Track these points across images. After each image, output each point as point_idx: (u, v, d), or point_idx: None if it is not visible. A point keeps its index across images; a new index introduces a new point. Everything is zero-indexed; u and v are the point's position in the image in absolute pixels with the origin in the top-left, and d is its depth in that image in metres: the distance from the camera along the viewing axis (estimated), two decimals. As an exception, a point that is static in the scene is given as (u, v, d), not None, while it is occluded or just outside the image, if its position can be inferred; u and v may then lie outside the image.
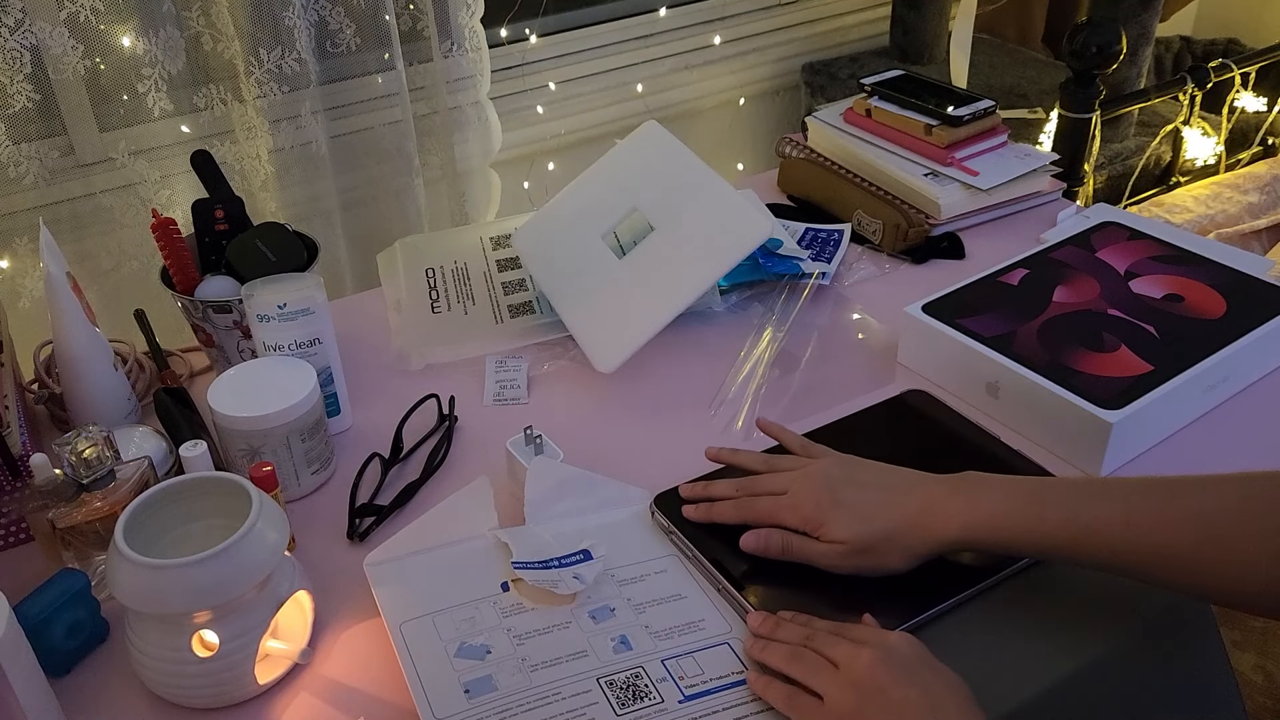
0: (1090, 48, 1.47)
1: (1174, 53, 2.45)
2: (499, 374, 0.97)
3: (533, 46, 1.88)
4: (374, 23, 1.56)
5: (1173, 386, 0.82)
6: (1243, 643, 1.09)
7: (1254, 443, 0.85)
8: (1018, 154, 1.19)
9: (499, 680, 0.65)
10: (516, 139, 1.85)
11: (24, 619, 0.64)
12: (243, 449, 0.80)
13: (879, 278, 1.11)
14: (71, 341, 0.85)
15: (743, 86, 2.12)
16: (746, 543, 0.73)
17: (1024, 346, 0.88)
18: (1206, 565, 0.62)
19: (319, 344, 0.86)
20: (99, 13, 1.40)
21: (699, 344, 1.01)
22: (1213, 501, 0.63)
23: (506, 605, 0.70)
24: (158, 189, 1.53)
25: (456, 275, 1.09)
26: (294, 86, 1.53)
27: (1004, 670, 0.67)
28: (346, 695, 0.68)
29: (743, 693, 0.65)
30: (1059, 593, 0.72)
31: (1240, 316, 0.90)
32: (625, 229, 1.02)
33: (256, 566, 0.64)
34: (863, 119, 1.24)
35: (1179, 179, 1.87)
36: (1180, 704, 0.77)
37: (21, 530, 0.80)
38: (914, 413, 0.89)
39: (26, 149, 1.42)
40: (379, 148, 1.67)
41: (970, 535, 0.67)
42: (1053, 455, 0.84)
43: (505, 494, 0.83)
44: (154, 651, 0.65)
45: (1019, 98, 1.98)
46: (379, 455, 0.88)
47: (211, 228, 0.95)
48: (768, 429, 0.82)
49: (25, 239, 1.47)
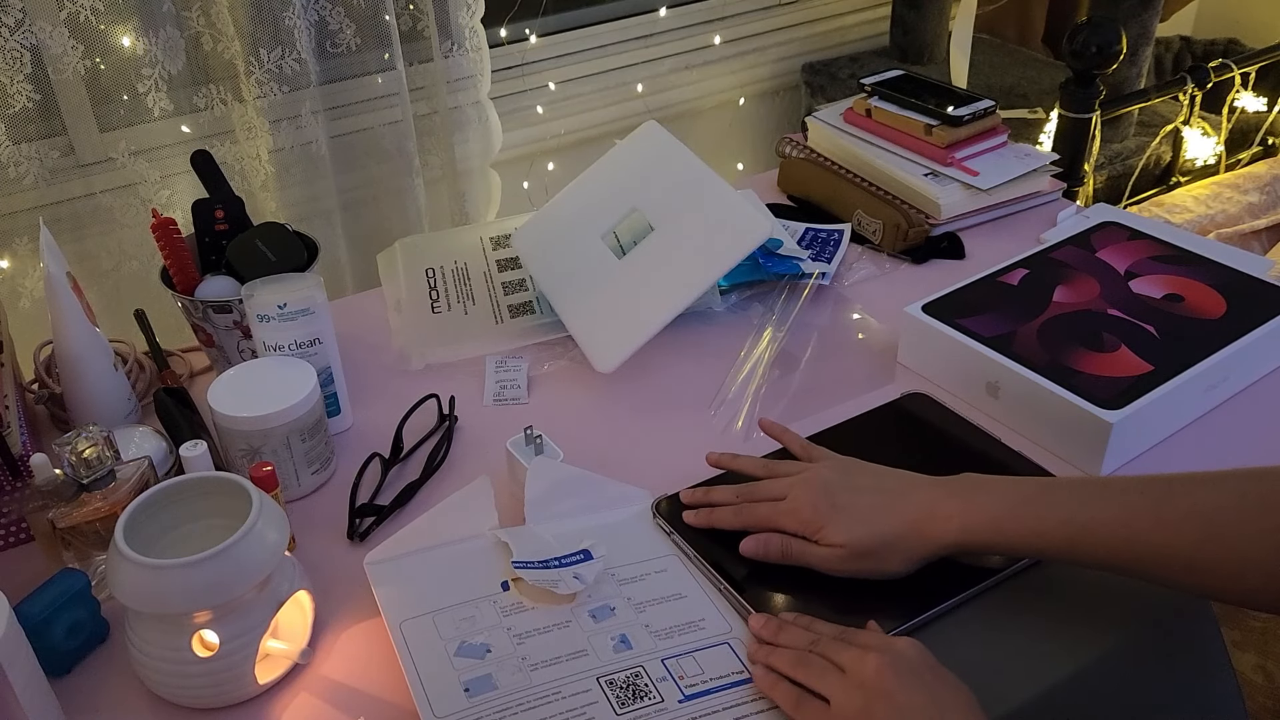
0: (1090, 48, 1.47)
1: (1174, 53, 2.45)
2: (499, 374, 0.97)
3: (533, 46, 1.88)
4: (374, 23, 1.56)
5: (1173, 386, 0.82)
6: (1243, 642, 1.09)
7: (1254, 443, 0.85)
8: (1018, 154, 1.19)
9: (499, 679, 0.65)
10: (516, 139, 1.85)
11: (24, 619, 0.64)
12: (243, 449, 0.80)
13: (879, 278, 1.11)
14: (72, 341, 0.85)
15: (743, 86, 2.12)
16: (746, 548, 0.73)
17: (1024, 346, 0.88)
18: (1206, 563, 0.62)
19: (319, 344, 0.86)
20: (99, 13, 1.40)
21: (699, 344, 1.01)
22: (1211, 499, 0.63)
23: (506, 604, 0.70)
24: (158, 189, 1.53)
25: (456, 275, 1.09)
26: (294, 86, 1.53)
27: (1005, 670, 0.67)
28: (346, 695, 0.68)
29: (743, 692, 0.65)
30: (1059, 593, 0.72)
31: (1240, 316, 0.90)
32: (625, 229, 1.02)
33: (257, 566, 0.64)
34: (863, 119, 1.24)
35: (1179, 179, 1.87)
36: (1181, 704, 0.77)
37: (22, 530, 0.80)
38: (914, 416, 0.89)
39: (26, 149, 1.42)
40: (379, 148, 1.67)
41: (969, 538, 0.67)
42: (1053, 455, 0.84)
43: (505, 494, 0.83)
44: (154, 651, 0.65)
45: (1019, 98, 1.98)
46: (379, 455, 0.87)
47: (211, 228, 0.95)
48: (769, 430, 0.82)
49: (25, 239, 1.47)
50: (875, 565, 0.69)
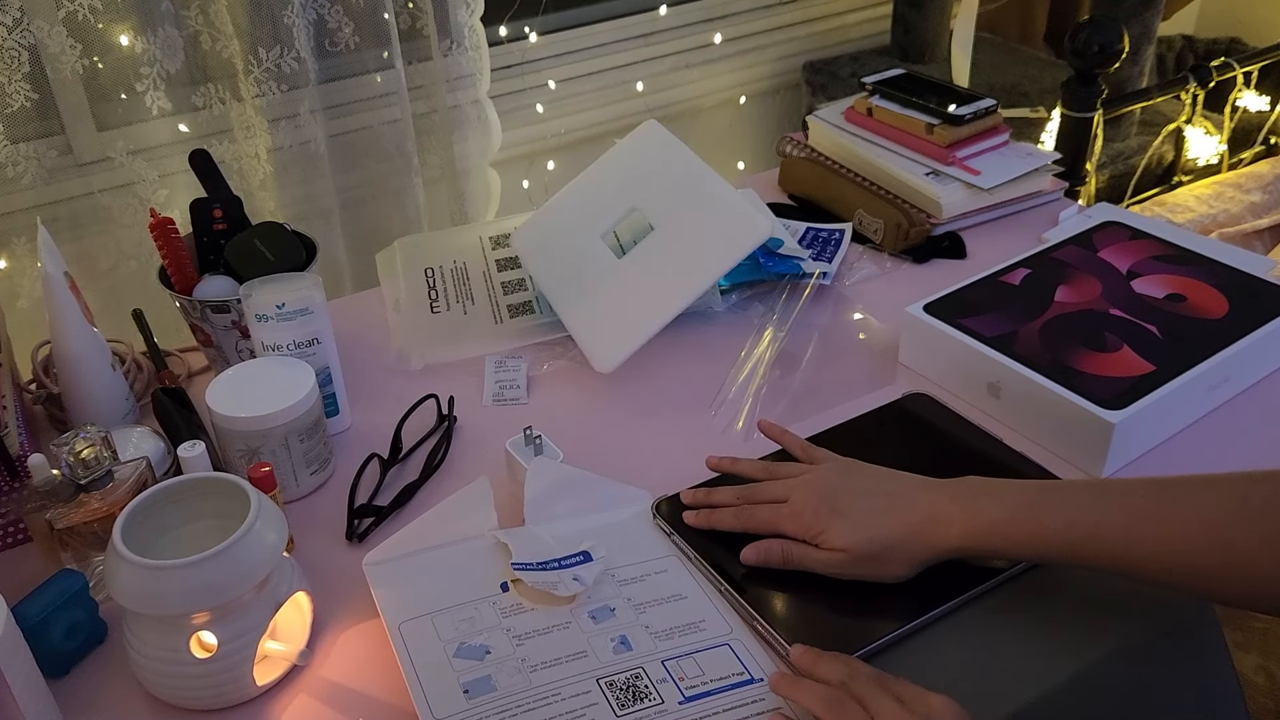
0: (1092, 46, 1.46)
1: (1176, 51, 2.45)
2: (498, 374, 0.97)
3: (532, 45, 1.87)
4: (373, 21, 1.56)
5: (1175, 386, 0.82)
6: (1245, 644, 1.09)
7: (1257, 442, 0.85)
8: (1019, 153, 1.19)
9: (498, 681, 0.65)
10: (516, 138, 1.85)
11: (22, 620, 0.64)
12: (241, 449, 0.80)
13: (880, 277, 1.10)
14: (70, 341, 0.85)
15: (743, 85, 2.12)
16: (747, 556, 0.72)
17: (1025, 346, 0.87)
18: (1208, 567, 0.62)
19: (318, 344, 0.86)
20: (97, 11, 1.39)
21: (699, 344, 1.01)
22: (1214, 502, 0.63)
23: (506, 605, 0.70)
24: (156, 188, 1.52)
25: (456, 275, 1.09)
26: (293, 85, 1.53)
27: (1006, 672, 0.67)
28: (345, 696, 0.68)
29: (743, 694, 0.64)
30: (1061, 594, 0.72)
31: (1242, 316, 0.89)
32: (625, 229, 1.02)
33: (255, 567, 0.64)
34: (864, 118, 1.24)
35: (1181, 178, 1.87)
36: (1183, 705, 0.77)
37: (19, 531, 0.80)
38: (915, 416, 0.89)
39: (25, 148, 1.42)
40: (378, 147, 1.67)
41: (970, 542, 0.67)
42: (1055, 456, 0.84)
43: (505, 494, 0.82)
44: (152, 653, 0.64)
45: (1020, 97, 1.97)
46: (378, 456, 0.87)
47: (210, 227, 0.95)
48: (769, 431, 0.82)
49: (23, 239, 1.47)
50: (877, 569, 0.69)
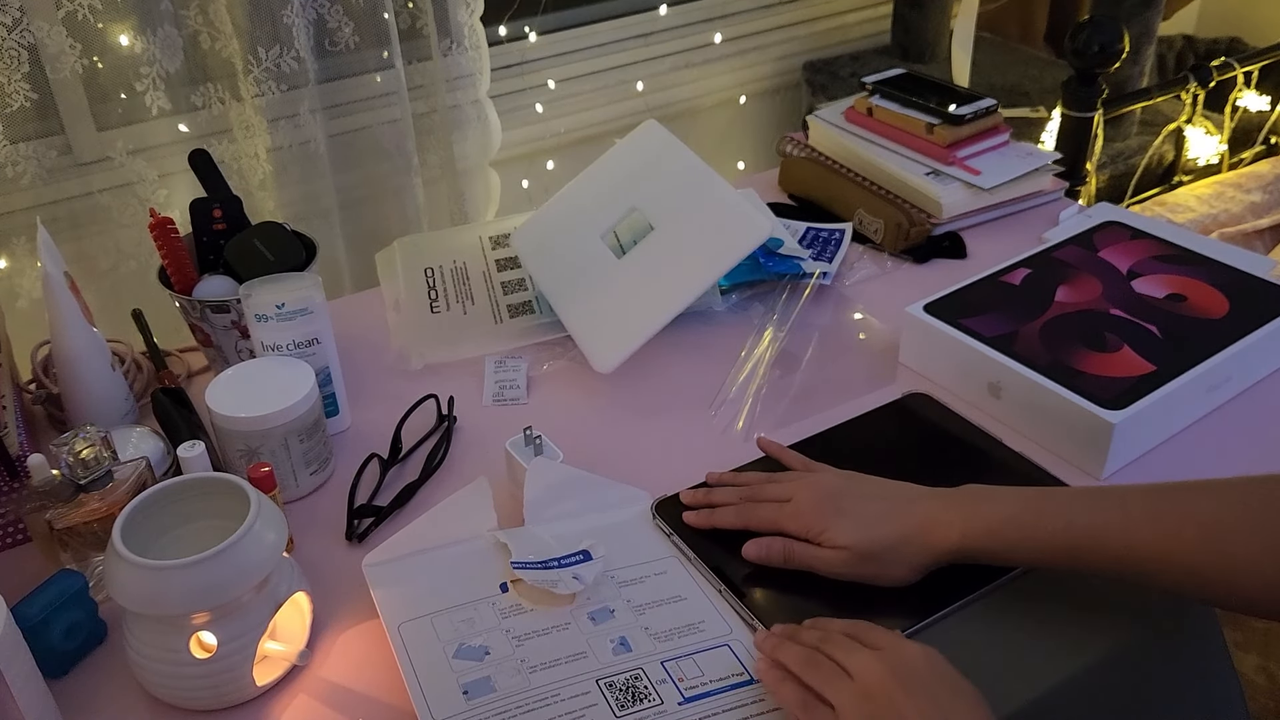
0: (1092, 46, 1.46)
1: (1176, 51, 2.45)
2: (498, 374, 0.97)
3: (532, 45, 1.87)
4: (373, 21, 1.56)
5: (1175, 386, 0.82)
6: (1245, 644, 1.09)
7: (1257, 443, 0.85)
8: (1020, 153, 1.19)
9: (498, 681, 0.65)
10: (516, 138, 1.85)
11: (22, 620, 0.64)
12: (241, 449, 0.80)
13: (880, 277, 1.10)
14: (69, 341, 0.85)
15: (743, 85, 2.12)
16: (748, 552, 0.72)
17: (1026, 346, 0.87)
18: (1208, 571, 0.62)
19: (317, 344, 0.86)
20: (97, 11, 1.39)
21: (699, 344, 1.01)
22: (1213, 506, 0.63)
23: (505, 606, 0.70)
24: (155, 188, 1.52)
25: (455, 275, 1.09)
26: (292, 85, 1.52)
27: (1007, 672, 0.67)
28: (345, 697, 0.67)
29: (743, 694, 0.64)
30: (1062, 595, 0.72)
31: (1243, 316, 0.89)
32: (625, 229, 1.02)
33: (255, 568, 0.64)
34: (864, 118, 1.24)
35: (1181, 178, 1.87)
36: (1183, 705, 0.77)
37: (19, 531, 0.80)
38: (915, 416, 0.88)
39: (24, 148, 1.42)
40: (378, 146, 1.66)
41: (970, 546, 0.67)
42: (1055, 456, 0.84)
43: (505, 494, 0.82)
44: (152, 653, 0.64)
45: (1021, 96, 1.97)
46: (378, 456, 0.87)
47: (209, 227, 0.95)
48: (768, 449, 0.82)
49: (23, 238, 1.47)
50: (878, 570, 0.69)
